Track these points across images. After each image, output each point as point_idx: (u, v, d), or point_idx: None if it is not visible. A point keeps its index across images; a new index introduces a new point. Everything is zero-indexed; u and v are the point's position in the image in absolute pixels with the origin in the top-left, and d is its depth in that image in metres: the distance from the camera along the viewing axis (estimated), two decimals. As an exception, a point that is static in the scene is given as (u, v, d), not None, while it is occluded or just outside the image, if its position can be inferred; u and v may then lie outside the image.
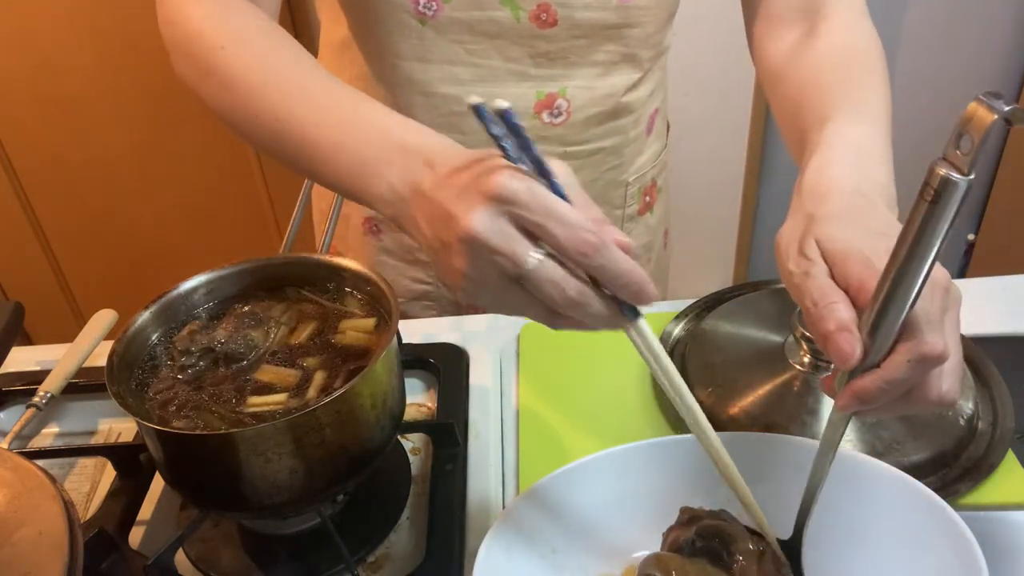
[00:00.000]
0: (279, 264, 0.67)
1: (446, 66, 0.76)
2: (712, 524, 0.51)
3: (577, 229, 0.42)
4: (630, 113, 0.84)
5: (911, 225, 0.39)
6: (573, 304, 0.43)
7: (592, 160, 0.84)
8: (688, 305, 0.79)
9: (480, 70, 0.76)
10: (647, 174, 0.91)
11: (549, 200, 0.42)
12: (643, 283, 0.44)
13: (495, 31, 0.74)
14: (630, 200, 0.90)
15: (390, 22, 0.74)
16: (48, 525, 0.47)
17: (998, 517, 0.59)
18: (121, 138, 1.82)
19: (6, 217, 1.91)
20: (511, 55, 0.75)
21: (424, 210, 0.47)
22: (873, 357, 0.43)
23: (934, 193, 0.38)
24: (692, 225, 1.95)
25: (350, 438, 0.55)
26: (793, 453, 0.56)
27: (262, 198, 1.92)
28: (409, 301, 0.93)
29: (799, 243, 0.49)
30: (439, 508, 0.61)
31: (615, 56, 0.78)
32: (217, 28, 0.61)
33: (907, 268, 0.40)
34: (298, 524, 0.62)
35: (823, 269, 0.46)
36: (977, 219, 1.95)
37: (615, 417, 0.68)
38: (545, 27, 0.73)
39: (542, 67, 0.76)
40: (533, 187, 0.42)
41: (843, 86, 0.64)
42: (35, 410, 0.71)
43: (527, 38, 0.74)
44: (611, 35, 0.76)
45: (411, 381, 0.77)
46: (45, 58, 1.71)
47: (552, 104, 0.78)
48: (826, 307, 0.44)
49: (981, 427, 0.63)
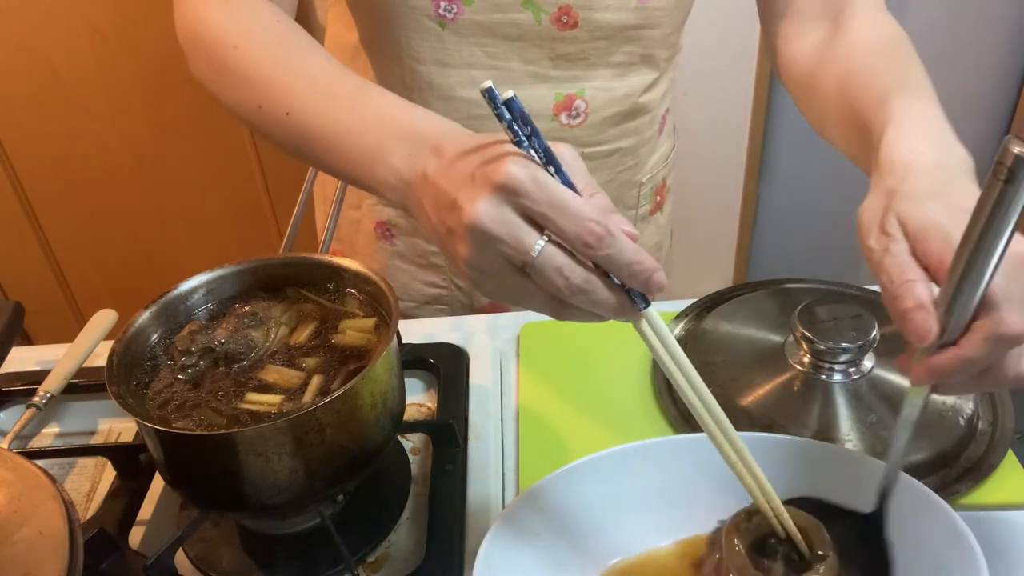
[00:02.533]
0: (279, 264, 0.67)
1: (465, 69, 0.76)
2: None
3: (583, 219, 0.41)
4: (646, 113, 0.84)
5: (983, 205, 0.39)
6: (579, 292, 0.43)
7: (609, 161, 0.84)
8: (688, 305, 0.79)
9: (499, 73, 0.76)
10: (659, 174, 0.92)
11: (555, 189, 0.42)
12: (652, 271, 0.43)
13: (515, 34, 0.73)
14: (643, 200, 0.90)
15: (409, 25, 0.73)
16: (48, 525, 0.47)
17: (998, 517, 0.58)
18: (121, 138, 1.82)
19: (6, 217, 1.91)
20: (530, 57, 0.75)
21: (430, 196, 0.47)
22: (950, 335, 0.42)
23: (1008, 172, 0.37)
24: (692, 225, 1.95)
25: (350, 438, 0.55)
26: (794, 453, 0.56)
27: (262, 198, 1.92)
28: (422, 305, 0.92)
29: (880, 220, 0.48)
30: (439, 508, 0.61)
31: (633, 57, 0.78)
32: (230, 28, 0.61)
33: (980, 248, 0.40)
34: (298, 524, 0.62)
35: (903, 246, 0.46)
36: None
37: (615, 417, 0.68)
38: (566, 29, 0.73)
39: (561, 68, 0.76)
40: (539, 176, 0.42)
41: (894, 68, 0.63)
42: (35, 410, 0.71)
43: (547, 40, 0.74)
44: (630, 36, 0.76)
45: (411, 381, 0.77)
46: (45, 58, 1.70)
47: (571, 106, 0.78)
48: (903, 285, 0.44)
49: (981, 427, 0.63)
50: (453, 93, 0.77)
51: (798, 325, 0.65)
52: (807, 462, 0.56)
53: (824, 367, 0.65)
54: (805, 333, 0.64)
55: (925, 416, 0.62)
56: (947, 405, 0.63)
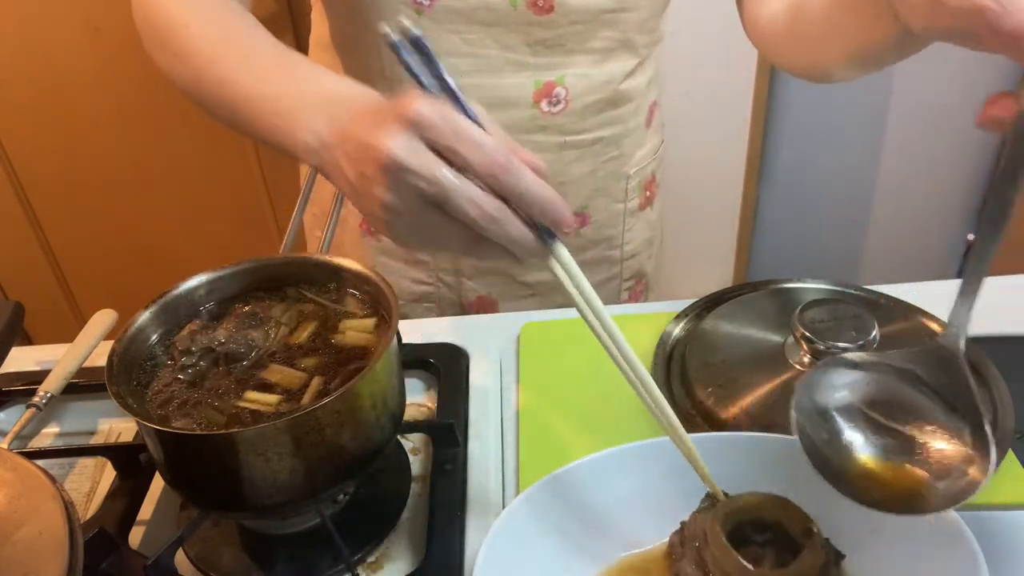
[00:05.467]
0: (279, 264, 0.67)
1: (444, 57, 0.76)
2: None
3: (488, 150, 0.44)
4: (628, 102, 0.84)
5: None
6: (492, 221, 0.44)
7: (592, 150, 0.84)
8: (688, 305, 0.79)
9: (478, 60, 0.76)
10: (647, 167, 0.92)
11: (461, 122, 0.44)
12: (557, 205, 0.45)
13: (492, 19, 0.74)
14: (631, 194, 0.90)
15: (387, 14, 0.74)
16: (48, 525, 0.47)
17: (998, 517, 0.58)
18: (121, 138, 1.82)
19: (6, 217, 1.91)
20: (508, 43, 0.75)
21: (344, 149, 0.49)
22: None
23: None
24: (692, 224, 1.95)
25: (350, 438, 0.55)
26: (794, 453, 0.56)
27: (262, 198, 1.91)
28: (409, 303, 0.92)
29: None
30: (439, 508, 0.61)
31: (612, 43, 0.78)
32: (181, 9, 0.65)
33: None
34: (298, 524, 0.62)
35: None
36: (977, 219, 1.95)
37: (615, 417, 0.68)
38: (542, 13, 0.73)
39: (540, 55, 0.77)
40: (445, 111, 0.44)
41: None
42: (35, 410, 0.71)
43: (524, 25, 0.74)
44: (607, 20, 0.76)
45: (411, 381, 0.77)
46: (45, 58, 1.70)
47: (551, 92, 0.78)
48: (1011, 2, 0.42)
49: (981, 427, 0.63)
50: None
51: (798, 325, 0.65)
52: (807, 462, 0.56)
53: (824, 367, 0.65)
54: (805, 333, 0.64)
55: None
56: (947, 405, 0.63)
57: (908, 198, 1.95)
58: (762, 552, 0.51)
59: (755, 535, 0.52)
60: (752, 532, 0.52)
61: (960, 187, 1.93)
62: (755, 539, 0.52)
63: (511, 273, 0.91)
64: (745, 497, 0.52)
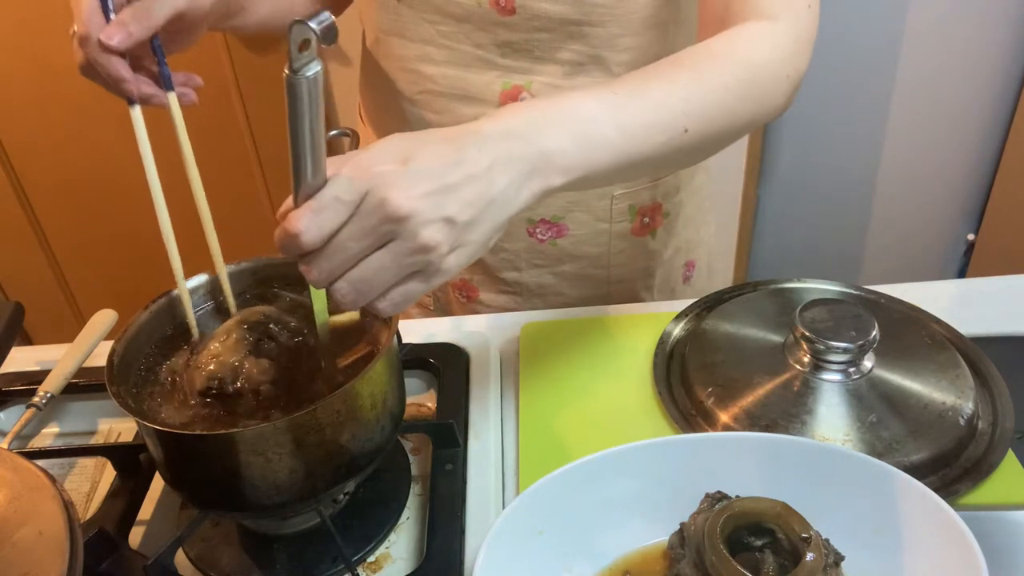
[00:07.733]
0: (279, 264, 0.67)
1: (421, 45, 0.79)
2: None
3: (85, 24, 0.62)
4: None
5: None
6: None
7: None
8: (688, 305, 0.79)
9: (452, 52, 0.78)
10: (640, 193, 0.87)
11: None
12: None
13: (461, 14, 0.75)
14: (618, 216, 0.87)
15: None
16: (48, 525, 0.47)
17: (998, 517, 0.59)
18: (121, 138, 1.81)
19: (6, 217, 1.91)
20: (478, 41, 0.76)
21: None
22: None
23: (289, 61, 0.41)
24: (692, 225, 1.95)
25: (350, 438, 0.55)
26: (793, 453, 0.56)
27: (262, 198, 1.92)
28: None
29: None
30: (439, 508, 0.61)
31: (582, 56, 0.77)
32: None
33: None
34: (298, 524, 0.62)
35: None
36: (977, 219, 1.95)
37: (615, 417, 0.68)
38: (505, 14, 0.74)
39: (508, 58, 0.77)
40: None
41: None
42: (35, 410, 0.71)
43: (490, 24, 0.75)
44: (573, 32, 0.75)
45: (411, 381, 0.77)
46: (45, 58, 1.70)
47: (517, 96, 0.78)
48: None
49: (981, 427, 0.63)
50: (412, 66, 0.80)
51: (798, 325, 0.65)
52: (807, 462, 0.56)
53: (824, 367, 0.65)
54: (805, 333, 0.64)
55: (925, 416, 0.62)
56: (947, 405, 0.63)
57: (908, 198, 1.95)
58: (761, 557, 0.51)
59: (754, 540, 0.52)
60: (751, 537, 0.52)
61: (960, 187, 1.93)
62: (754, 544, 0.52)
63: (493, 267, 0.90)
64: (745, 502, 0.52)
